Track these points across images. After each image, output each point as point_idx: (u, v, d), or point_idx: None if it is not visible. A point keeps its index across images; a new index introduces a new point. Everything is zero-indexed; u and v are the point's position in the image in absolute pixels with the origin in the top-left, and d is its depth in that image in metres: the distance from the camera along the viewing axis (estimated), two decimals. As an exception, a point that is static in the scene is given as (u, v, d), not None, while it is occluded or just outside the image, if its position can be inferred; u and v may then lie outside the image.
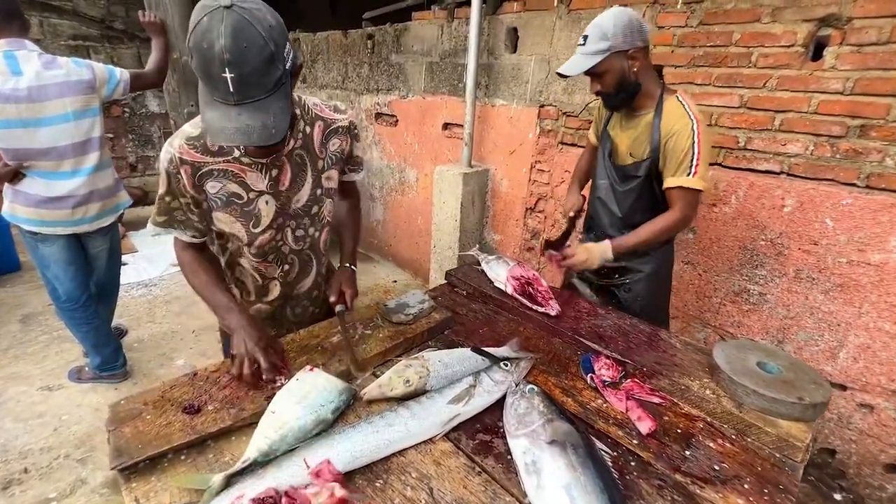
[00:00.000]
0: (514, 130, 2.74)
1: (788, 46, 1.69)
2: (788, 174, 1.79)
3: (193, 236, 1.12)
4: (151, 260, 3.79)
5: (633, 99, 1.42)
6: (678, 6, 1.92)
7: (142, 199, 5.13)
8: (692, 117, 1.33)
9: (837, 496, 1.85)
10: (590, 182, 1.71)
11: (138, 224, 4.65)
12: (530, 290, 1.43)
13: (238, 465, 0.80)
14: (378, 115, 3.70)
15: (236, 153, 1.03)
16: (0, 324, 2.81)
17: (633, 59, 1.35)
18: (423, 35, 3.12)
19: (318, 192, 1.17)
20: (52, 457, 1.88)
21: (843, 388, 1.81)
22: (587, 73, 1.38)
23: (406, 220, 3.73)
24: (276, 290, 1.25)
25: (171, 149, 1.01)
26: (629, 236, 1.44)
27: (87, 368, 2.33)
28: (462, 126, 2.84)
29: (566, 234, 1.67)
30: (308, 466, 0.79)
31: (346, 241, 1.37)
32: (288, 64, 0.88)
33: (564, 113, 2.46)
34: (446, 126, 3.16)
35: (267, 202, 1.09)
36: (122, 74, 2.01)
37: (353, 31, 3.67)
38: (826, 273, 1.76)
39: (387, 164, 3.76)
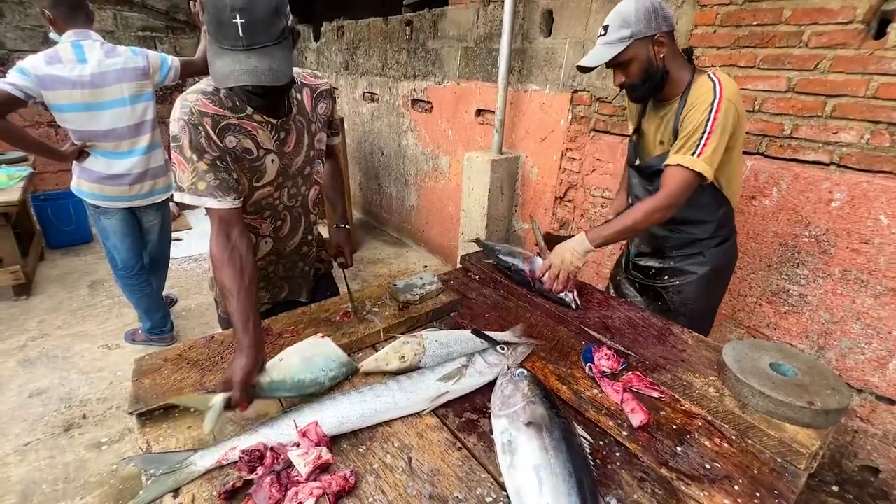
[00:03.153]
0: (546, 117, 2.67)
1: (846, 23, 1.52)
2: (839, 165, 1.63)
3: (235, 199, 1.05)
4: (203, 236, 4.08)
5: (660, 88, 1.31)
6: (725, -18, 1.78)
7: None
8: (717, 93, 1.19)
9: (877, 518, 1.71)
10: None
11: (194, 203, 5.01)
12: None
13: None
14: (414, 102, 3.72)
15: (249, 110, 1.05)
16: (72, 288, 3.16)
17: (658, 44, 1.24)
18: (460, 20, 3.09)
19: (311, 153, 1.23)
20: (107, 407, 2.11)
21: (892, 402, 1.65)
22: (610, 64, 1.27)
23: (438, 206, 3.76)
24: (266, 248, 1.27)
25: (188, 102, 0.99)
26: (608, 225, 1.32)
27: (140, 331, 2.58)
28: (494, 112, 2.81)
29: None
30: (297, 427, 0.85)
31: (336, 203, 1.46)
32: (290, 21, 0.94)
33: (598, 99, 2.37)
34: (479, 112, 3.13)
35: (273, 161, 1.13)
36: (172, 62, 2.17)
37: (392, 18, 3.70)
38: (877, 275, 1.60)
39: (421, 150, 3.79)
